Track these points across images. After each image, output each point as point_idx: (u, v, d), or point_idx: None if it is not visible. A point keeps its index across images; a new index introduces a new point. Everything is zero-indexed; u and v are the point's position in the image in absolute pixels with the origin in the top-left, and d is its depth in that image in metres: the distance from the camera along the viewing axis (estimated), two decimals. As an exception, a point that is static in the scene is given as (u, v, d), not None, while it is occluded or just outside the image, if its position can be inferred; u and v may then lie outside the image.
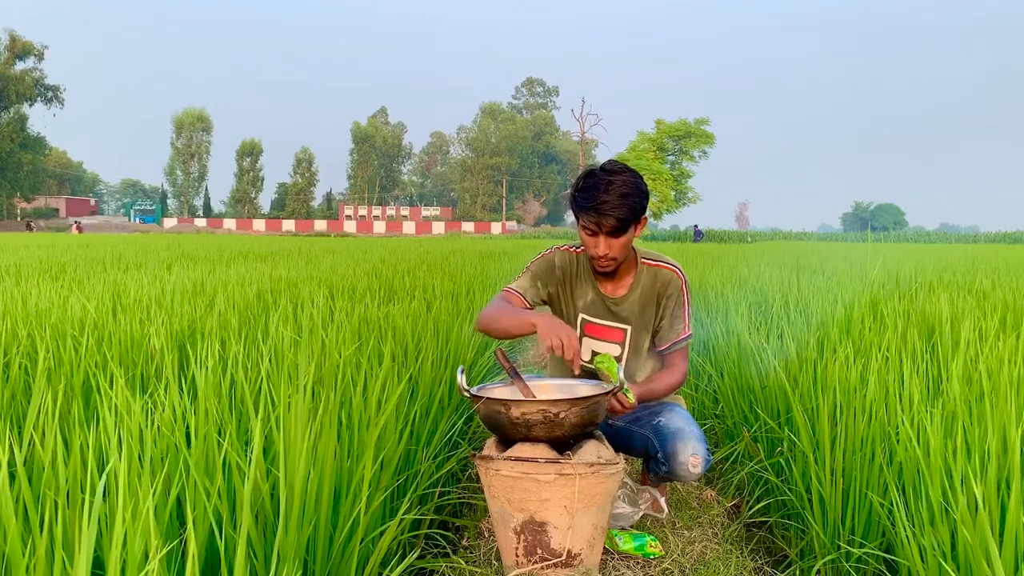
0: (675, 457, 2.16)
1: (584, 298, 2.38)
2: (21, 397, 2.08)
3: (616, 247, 2.18)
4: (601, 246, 2.17)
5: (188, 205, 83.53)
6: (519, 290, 2.36)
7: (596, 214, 2.11)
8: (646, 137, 44.39)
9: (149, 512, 1.14)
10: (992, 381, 2.05)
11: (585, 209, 2.13)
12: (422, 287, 5.27)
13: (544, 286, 2.39)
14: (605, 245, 2.17)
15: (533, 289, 2.38)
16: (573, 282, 2.39)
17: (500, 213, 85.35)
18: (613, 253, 2.19)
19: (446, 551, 2.20)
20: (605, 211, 2.10)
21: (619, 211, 2.10)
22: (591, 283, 2.37)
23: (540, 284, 2.38)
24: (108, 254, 10.08)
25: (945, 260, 10.82)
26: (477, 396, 1.98)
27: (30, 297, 3.58)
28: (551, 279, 2.39)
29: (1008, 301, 4.14)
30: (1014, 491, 1.40)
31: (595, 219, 2.12)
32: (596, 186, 2.12)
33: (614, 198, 2.09)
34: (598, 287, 2.36)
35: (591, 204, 2.11)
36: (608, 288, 2.35)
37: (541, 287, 2.39)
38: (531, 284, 2.38)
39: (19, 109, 59.73)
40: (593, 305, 2.37)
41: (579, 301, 2.39)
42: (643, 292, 2.33)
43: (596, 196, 2.10)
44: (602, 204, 2.09)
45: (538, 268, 2.39)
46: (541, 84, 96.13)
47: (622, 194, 2.09)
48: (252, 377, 2.06)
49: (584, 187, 2.15)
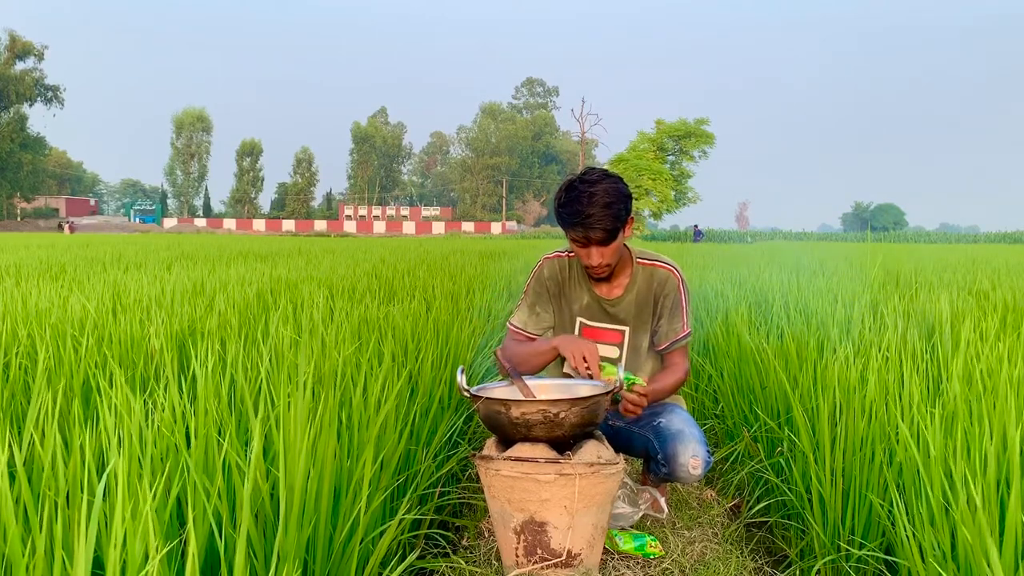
0: (675, 459, 2.16)
1: (580, 302, 2.38)
2: (21, 397, 2.08)
3: (608, 254, 2.18)
4: (594, 256, 2.18)
5: (188, 205, 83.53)
6: (521, 327, 2.41)
7: (583, 228, 2.11)
8: (646, 137, 44.38)
9: (149, 512, 1.14)
10: (992, 381, 2.05)
11: (571, 224, 2.13)
12: (422, 287, 5.26)
13: (543, 310, 2.42)
14: (598, 255, 2.18)
15: (534, 319, 2.42)
16: (567, 288, 2.40)
17: (500, 213, 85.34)
18: (607, 260, 2.20)
19: (446, 551, 2.20)
20: (591, 224, 2.10)
21: (605, 222, 2.10)
22: (585, 286, 2.37)
23: (539, 310, 2.42)
24: (108, 254, 10.08)
25: (945, 260, 10.81)
26: (477, 396, 1.98)
27: (30, 297, 3.58)
28: (545, 299, 2.42)
29: (1008, 301, 4.14)
30: (1014, 491, 1.40)
31: (583, 233, 2.13)
32: (579, 199, 2.11)
33: (598, 209, 2.08)
34: (593, 290, 2.36)
35: (577, 220, 2.11)
36: (603, 290, 2.35)
37: (541, 312, 2.42)
38: (530, 315, 2.42)
39: (19, 109, 59.73)
40: (589, 308, 2.37)
41: (575, 305, 2.39)
42: (639, 292, 2.33)
43: (580, 210, 2.10)
44: (588, 218, 2.09)
45: (532, 293, 2.43)
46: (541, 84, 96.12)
47: (605, 204, 2.09)
48: (252, 377, 2.06)
49: (567, 201, 2.14)
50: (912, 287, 5.23)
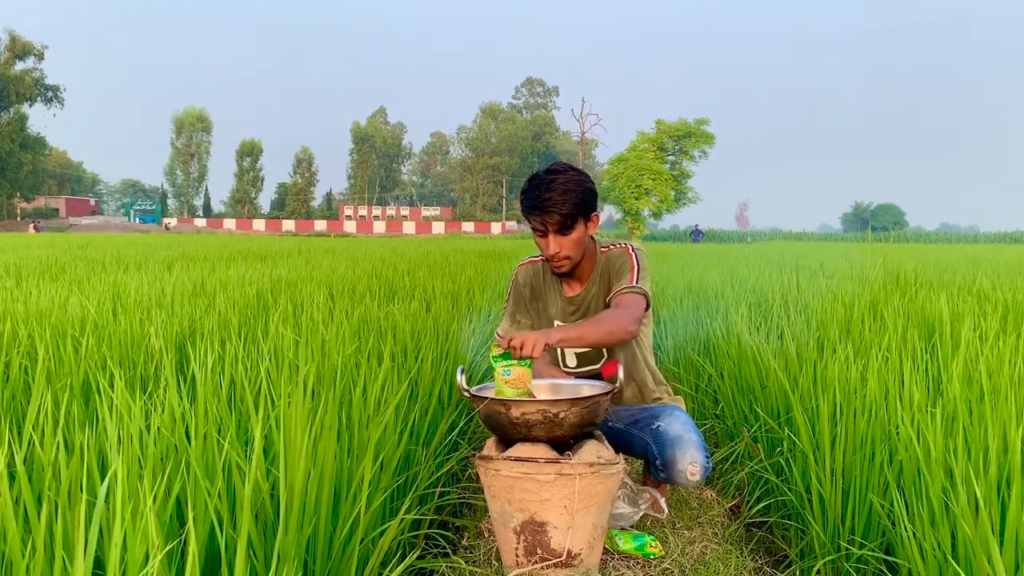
0: (673, 465, 2.15)
1: (555, 305, 2.41)
2: (21, 397, 2.08)
3: (567, 245, 2.19)
4: (551, 245, 2.19)
5: (188, 205, 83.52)
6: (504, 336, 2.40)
7: (540, 212, 2.14)
8: (646, 137, 44.33)
9: (149, 512, 1.14)
10: (992, 381, 2.05)
11: (530, 209, 2.16)
12: (422, 287, 5.26)
13: (522, 316, 2.45)
14: (555, 244, 2.18)
15: (515, 328, 2.45)
16: (541, 293, 2.43)
17: (500, 213, 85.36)
18: (565, 252, 2.20)
19: (446, 551, 2.20)
20: (548, 208, 2.12)
21: (562, 207, 2.11)
22: (557, 289, 2.40)
23: (519, 317, 2.45)
24: (108, 254, 10.08)
25: (945, 260, 10.81)
26: (477, 396, 1.98)
27: (30, 297, 3.58)
28: (522, 306, 2.45)
29: (1008, 301, 4.14)
30: (1014, 491, 1.40)
31: (540, 217, 2.15)
32: (538, 186, 2.15)
33: (556, 195, 2.11)
34: (562, 291, 2.38)
35: (534, 203, 2.14)
36: (573, 288, 2.38)
37: (521, 319, 2.45)
38: (511, 323, 2.46)
39: (19, 109, 59.71)
40: (562, 310, 2.39)
41: (551, 309, 2.42)
42: (599, 278, 2.34)
43: (538, 195, 2.13)
44: (544, 202, 2.12)
45: (511, 301, 2.47)
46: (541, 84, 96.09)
47: (564, 190, 2.12)
48: (252, 377, 2.06)
49: (528, 188, 2.19)
50: (912, 287, 5.22)
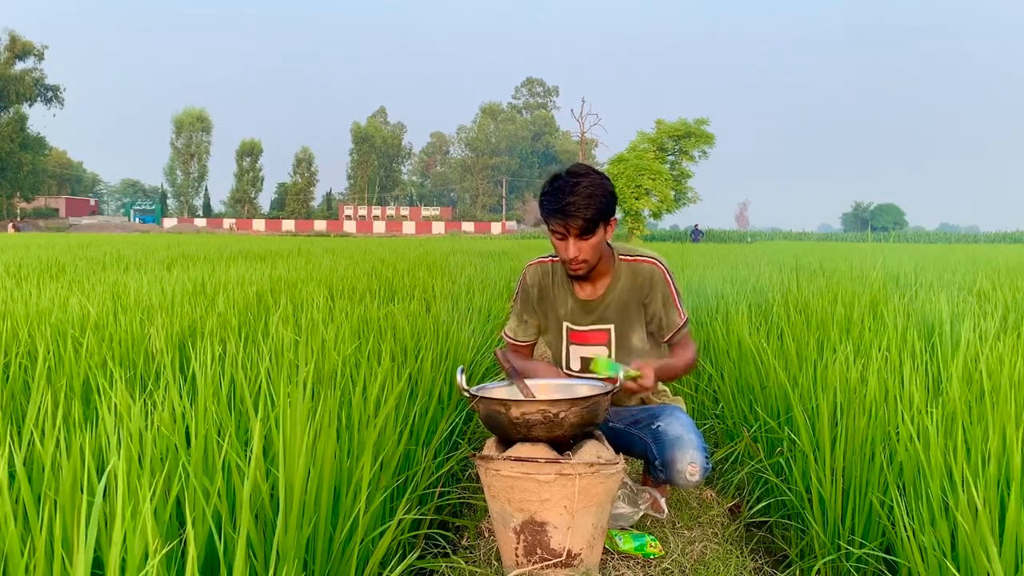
0: (673, 466, 2.15)
1: (565, 306, 2.39)
2: (21, 397, 2.08)
3: (586, 249, 2.18)
4: (571, 249, 2.17)
5: (188, 205, 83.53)
6: (512, 336, 2.48)
7: (563, 216, 2.12)
8: (646, 137, 44.29)
9: (148, 512, 1.14)
10: (992, 381, 2.05)
11: (552, 212, 2.14)
12: (422, 287, 5.26)
13: (530, 317, 2.45)
14: (575, 248, 2.17)
15: (523, 328, 2.46)
16: (550, 293, 2.41)
17: (500, 213, 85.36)
18: (583, 256, 2.19)
19: (446, 551, 2.20)
20: (571, 212, 2.10)
21: (585, 211, 2.10)
22: (569, 290, 2.38)
23: (526, 318, 2.46)
24: (108, 254, 10.07)
25: (945, 260, 10.81)
26: (477, 396, 1.98)
27: (30, 297, 3.58)
28: (530, 307, 2.45)
29: (1008, 301, 4.14)
30: (1014, 491, 1.40)
31: (562, 221, 2.13)
32: (561, 189, 2.12)
33: (580, 199, 2.09)
34: (575, 293, 2.36)
35: (557, 207, 2.12)
36: (586, 291, 2.35)
37: (528, 320, 2.46)
38: (519, 324, 2.47)
39: (19, 109, 59.75)
40: (573, 312, 2.38)
41: (560, 310, 2.40)
42: (623, 289, 2.33)
43: (561, 198, 2.11)
44: (568, 206, 2.10)
45: (519, 302, 2.47)
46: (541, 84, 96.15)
47: (588, 195, 2.10)
48: (252, 377, 2.06)
49: (550, 191, 2.16)
50: (912, 287, 5.22)
